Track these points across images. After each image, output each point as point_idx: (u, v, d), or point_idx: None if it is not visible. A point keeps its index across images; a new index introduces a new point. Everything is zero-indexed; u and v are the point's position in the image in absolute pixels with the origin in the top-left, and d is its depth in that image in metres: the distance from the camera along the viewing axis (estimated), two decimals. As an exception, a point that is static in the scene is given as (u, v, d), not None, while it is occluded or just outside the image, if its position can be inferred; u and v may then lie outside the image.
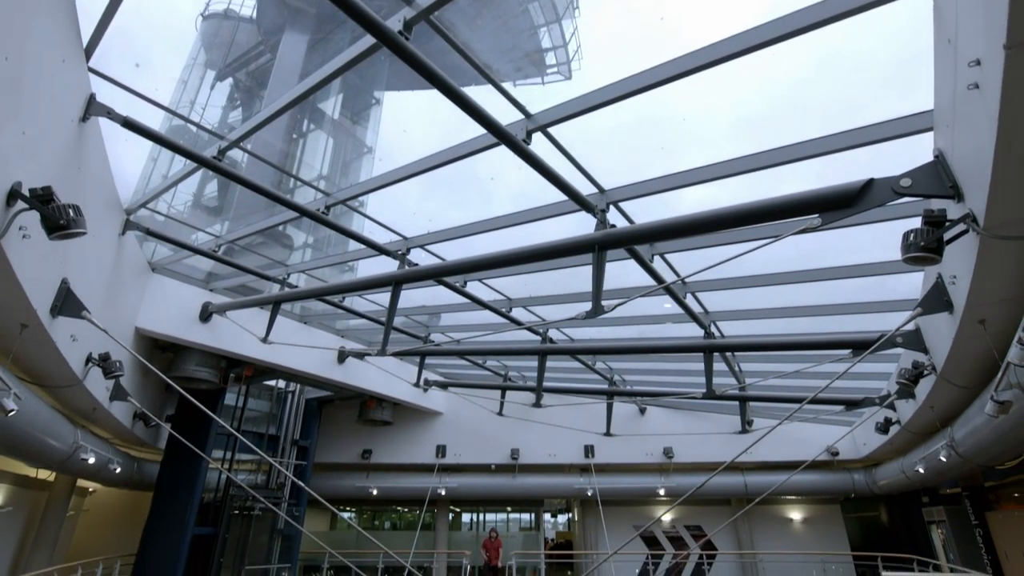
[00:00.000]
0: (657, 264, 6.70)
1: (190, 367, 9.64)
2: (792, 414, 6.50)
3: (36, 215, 3.90)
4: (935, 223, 3.37)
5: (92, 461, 8.24)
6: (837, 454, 13.19)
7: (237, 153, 9.20)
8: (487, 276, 8.32)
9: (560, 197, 5.72)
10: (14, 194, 3.73)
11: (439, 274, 7.28)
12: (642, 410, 14.74)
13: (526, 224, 6.51)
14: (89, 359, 6.60)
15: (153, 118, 5.78)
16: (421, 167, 5.73)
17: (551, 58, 15.75)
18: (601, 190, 5.70)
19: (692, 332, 8.52)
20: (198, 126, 9.20)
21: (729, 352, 9.40)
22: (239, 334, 9.29)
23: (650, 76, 4.29)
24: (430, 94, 5.39)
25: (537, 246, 5.60)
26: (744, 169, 5.00)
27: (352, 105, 17.05)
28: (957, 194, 3.51)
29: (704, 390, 8.24)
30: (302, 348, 10.36)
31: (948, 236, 3.49)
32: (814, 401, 9.80)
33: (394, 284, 7.01)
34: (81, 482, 12.55)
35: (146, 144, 8.75)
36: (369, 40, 4.09)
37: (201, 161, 5.55)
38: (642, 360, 12.09)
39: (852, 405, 9.83)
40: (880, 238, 6.21)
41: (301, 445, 13.48)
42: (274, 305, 8.99)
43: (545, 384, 10.14)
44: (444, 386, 14.45)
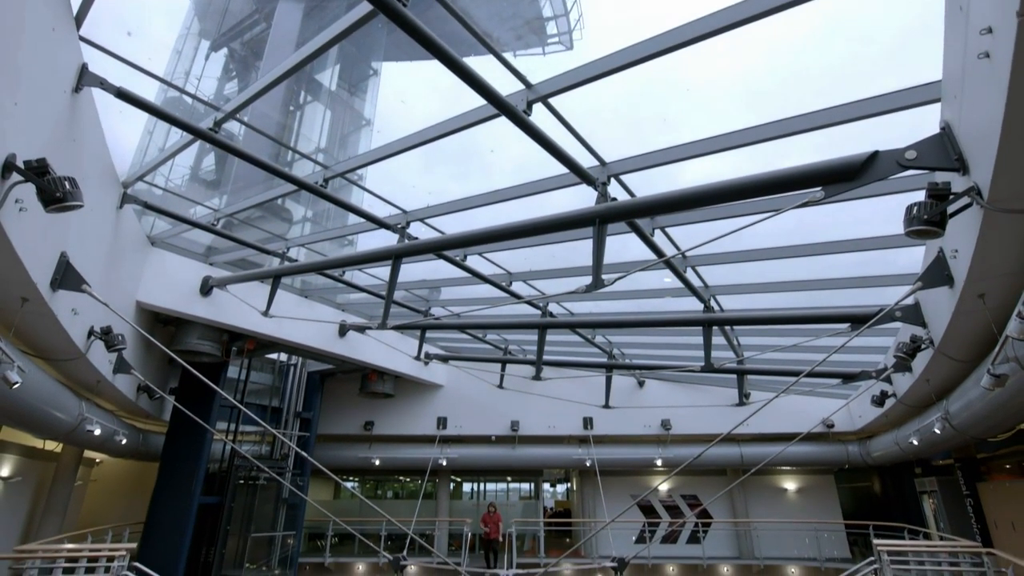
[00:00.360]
0: (658, 238, 6.67)
1: (192, 340, 9.70)
2: (789, 387, 6.58)
3: (32, 188, 3.87)
4: (939, 196, 3.34)
5: (98, 433, 8.35)
6: (832, 426, 13.37)
7: (234, 126, 9.09)
8: (487, 250, 8.30)
9: (561, 170, 5.66)
10: (8, 166, 3.69)
11: (439, 248, 7.26)
12: (641, 383, 14.89)
13: (526, 197, 6.46)
14: (91, 332, 6.63)
15: (147, 89, 5.67)
16: (420, 139, 5.66)
17: (552, 27, 15.39)
18: (602, 163, 5.64)
19: (691, 306, 8.54)
20: (194, 97, 9.04)
21: (728, 326, 9.45)
22: (240, 308, 9.31)
23: (653, 45, 4.20)
24: (429, 65, 5.29)
25: (538, 220, 5.57)
26: (747, 141, 4.94)
27: (349, 76, 16.74)
28: (962, 167, 3.47)
29: (702, 363, 8.31)
30: (303, 322, 10.40)
31: (952, 210, 3.46)
32: (811, 374, 9.87)
33: (394, 258, 7.00)
34: (88, 453, 12.75)
35: (142, 117, 8.59)
36: (366, 7, 3.99)
37: (197, 133, 5.48)
38: (641, 334, 12.15)
39: (849, 378, 9.92)
40: (881, 212, 6.17)
41: (304, 417, 13.66)
42: (274, 279, 9.00)
43: (545, 357, 10.21)
44: (445, 359, 14.57)
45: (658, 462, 14.68)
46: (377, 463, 15.16)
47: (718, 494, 14.86)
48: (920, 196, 3.52)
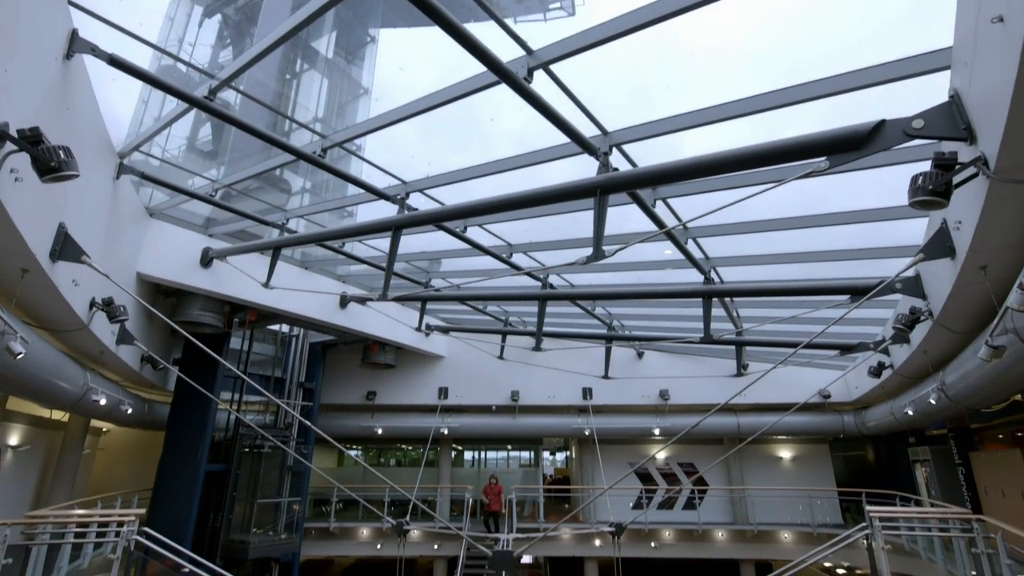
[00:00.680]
0: (660, 209, 6.62)
1: (194, 312, 9.74)
2: (787, 358, 6.63)
3: (27, 158, 3.82)
4: (945, 166, 3.30)
5: (103, 402, 8.46)
6: (829, 397, 13.53)
7: (230, 95, 8.93)
8: (487, 221, 8.25)
9: (562, 140, 5.58)
10: (1, 135, 3.64)
11: (439, 219, 7.22)
12: (640, 354, 15.00)
13: (527, 168, 6.39)
14: (93, 304, 6.66)
15: (140, 57, 5.55)
16: (419, 107, 5.57)
17: (554, -9, 14.96)
18: (604, 132, 5.55)
19: (692, 278, 8.53)
20: (188, 64, 8.86)
21: (728, 298, 9.47)
22: (241, 279, 9.32)
23: (657, 8, 4.08)
24: (428, 32, 5.16)
25: (538, 190, 5.52)
26: (752, 109, 4.86)
27: (346, 44, 16.34)
28: (970, 136, 3.42)
29: (702, 335, 8.35)
30: (304, 293, 10.43)
31: (957, 180, 3.42)
32: (810, 346, 9.98)
33: (394, 229, 6.96)
34: (95, 422, 12.95)
35: (136, 86, 8.48)
36: (362, -31, 3.86)
37: (192, 101, 5.39)
38: (641, 305, 12.19)
39: (847, 350, 9.99)
40: (883, 184, 6.12)
41: (307, 387, 13.82)
42: (274, 250, 8.98)
43: (545, 329, 10.27)
44: (445, 331, 14.66)
45: (656, 431, 14.91)
46: (380, 432, 15.40)
47: (714, 462, 15.13)
48: (923, 167, 3.48)
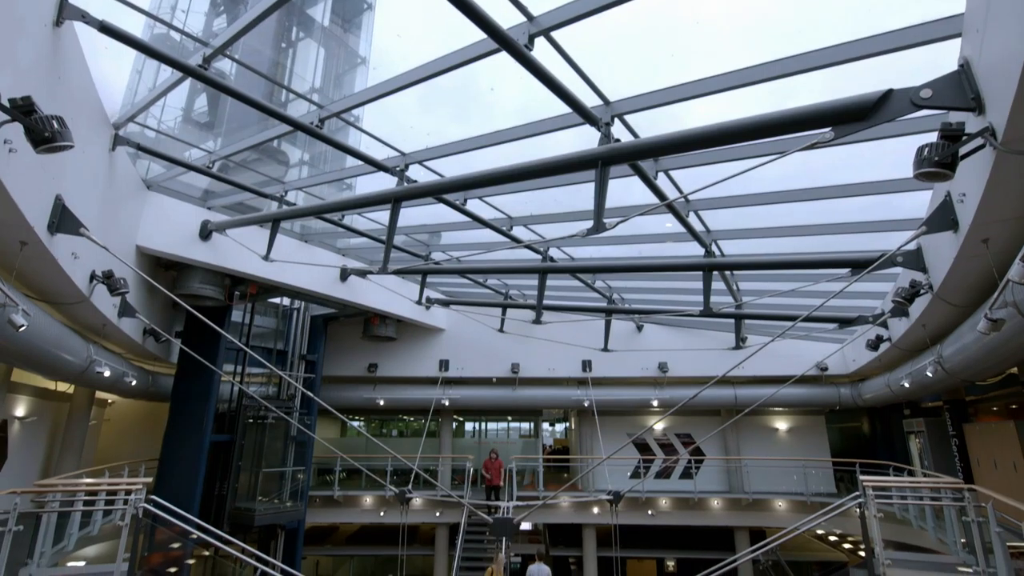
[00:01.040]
0: (661, 182, 6.56)
1: (194, 285, 9.75)
2: (785, 331, 6.66)
3: (20, 129, 3.77)
4: (952, 137, 3.25)
5: (107, 374, 8.54)
6: (826, 369, 13.64)
7: (225, 64, 8.75)
8: (487, 194, 8.19)
9: (563, 110, 5.50)
10: (-6, 105, 3.58)
11: (439, 191, 7.17)
12: (639, 327, 15.08)
13: (528, 139, 6.31)
14: (93, 276, 6.66)
15: (133, 24, 5.42)
16: (417, 76, 5.46)
17: (556, -46, 14.51)
18: (606, 102, 5.46)
19: (693, 251, 8.51)
20: (181, 32, 8.66)
21: (728, 271, 9.46)
22: (241, 252, 9.30)
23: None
24: (425, -5, 5.02)
25: (539, 161, 5.46)
26: (757, 79, 4.76)
27: (343, 11, 15.93)
28: (978, 106, 3.36)
29: (701, 308, 8.38)
30: (305, 266, 10.42)
31: (963, 152, 3.38)
32: (809, 319, 10.02)
33: (393, 201, 6.92)
34: (100, 394, 13.10)
35: (129, 56, 8.30)
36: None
37: (186, 70, 5.28)
38: (641, 279, 12.19)
39: (845, 323, 10.04)
40: (887, 156, 6.05)
41: (309, 359, 13.94)
42: (273, 223, 8.94)
43: (545, 302, 10.29)
44: (446, 304, 14.70)
45: (654, 403, 15.09)
46: (382, 403, 15.61)
47: (711, 433, 15.36)
48: (926, 139, 3.43)
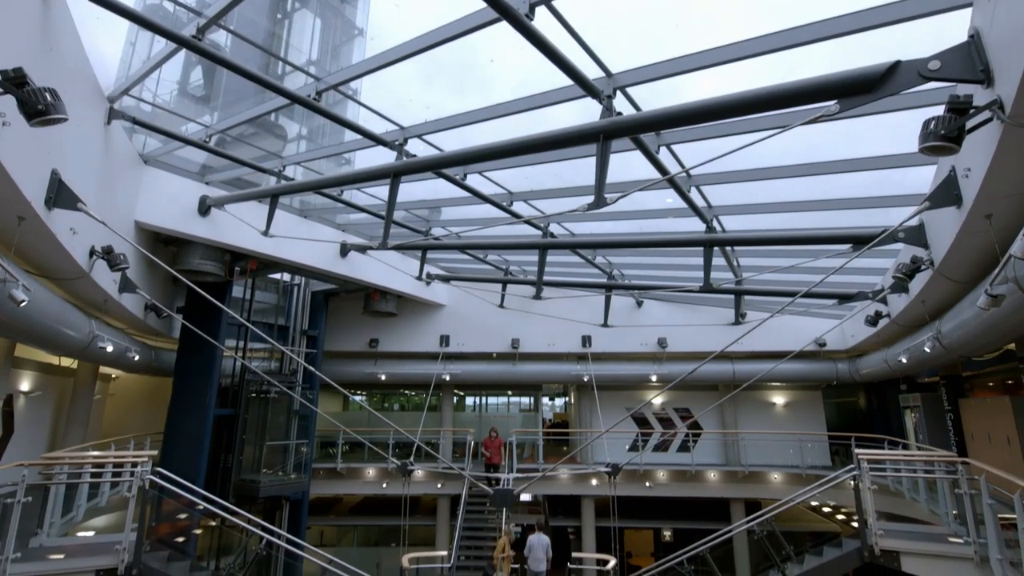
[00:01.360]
0: (663, 156, 6.49)
1: (194, 260, 9.73)
2: (785, 307, 6.67)
3: (13, 102, 3.72)
4: (959, 110, 3.20)
5: (110, 349, 8.60)
6: (824, 345, 13.71)
7: (220, 36, 8.57)
8: (487, 168, 8.11)
9: (564, 82, 5.40)
10: (-15, 77, 3.52)
11: (438, 165, 7.10)
12: (639, 303, 15.11)
13: (528, 112, 6.22)
14: (92, 252, 6.65)
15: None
16: (416, 47, 5.36)
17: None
18: (608, 74, 5.36)
19: (694, 227, 8.47)
20: (174, 1, 8.46)
21: (729, 246, 9.43)
22: (240, 228, 9.26)
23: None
24: (423, -38, 4.89)
25: (540, 135, 5.39)
26: (761, 50, 4.67)
27: (339, -23, 15.53)
28: (987, 78, 3.30)
29: (701, 283, 8.38)
30: (304, 242, 10.38)
31: (970, 125, 3.34)
32: (809, 295, 10.03)
33: (392, 176, 6.86)
34: (103, 369, 13.21)
35: (122, 27, 8.12)
36: None
37: (180, 41, 5.18)
38: (641, 254, 12.17)
39: (845, 299, 10.06)
40: (889, 132, 5.99)
41: (310, 335, 14.01)
42: (272, 198, 8.87)
43: (545, 278, 10.29)
44: (446, 279, 14.70)
45: (653, 378, 15.22)
46: (383, 378, 15.75)
47: (709, 407, 15.53)
48: (927, 113, 3.38)
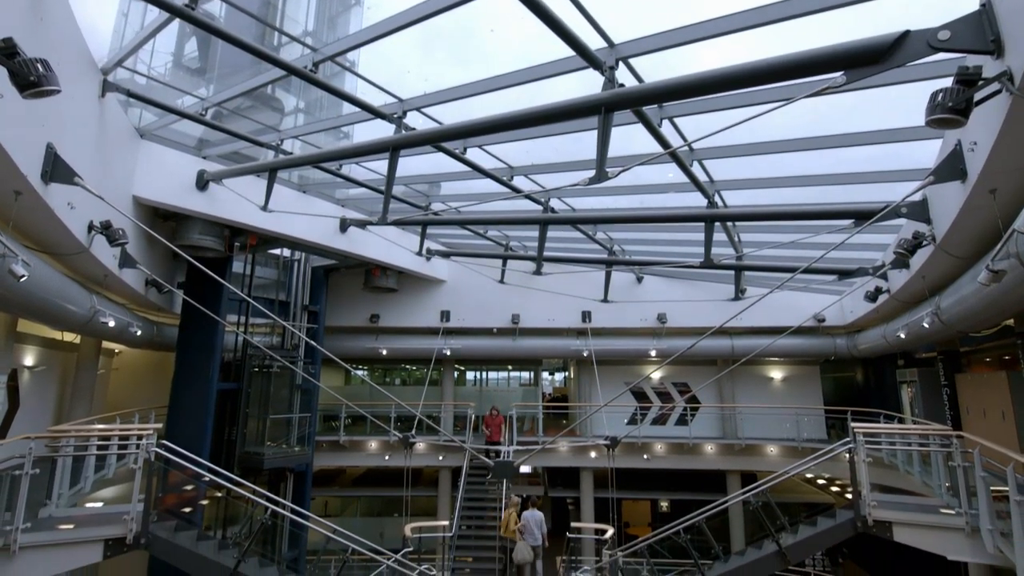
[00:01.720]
0: (666, 129, 6.41)
1: (194, 235, 9.70)
2: (784, 283, 6.68)
3: (4, 73, 3.65)
4: (968, 81, 3.15)
5: (112, 324, 8.64)
6: (823, 320, 13.76)
7: (215, 6, 8.38)
8: (487, 142, 8.02)
9: (566, 53, 5.31)
10: (-25, 47, 3.46)
11: (437, 139, 7.02)
12: (639, 278, 15.11)
13: (529, 84, 6.12)
14: (91, 227, 6.62)
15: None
16: (415, 16, 5.24)
17: None
18: (611, 44, 5.26)
19: (695, 202, 8.42)
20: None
21: (730, 222, 9.39)
22: (239, 202, 9.20)
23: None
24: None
25: (540, 107, 5.32)
26: (766, 20, 4.56)
27: (334, -56, 15.10)
28: (997, 49, 3.24)
29: (702, 259, 8.36)
30: (304, 217, 10.33)
31: (978, 97, 3.28)
32: (809, 270, 10.00)
33: (391, 149, 6.79)
34: (106, 343, 13.29)
35: (113, -4, 7.94)
36: None
37: (172, 10, 5.07)
38: (641, 230, 12.12)
39: (845, 275, 10.05)
40: (894, 105, 5.91)
41: (311, 310, 14.06)
42: (270, 172, 8.80)
43: (546, 253, 10.27)
44: (446, 255, 14.68)
45: (652, 353, 15.32)
46: (384, 353, 15.86)
47: (707, 381, 15.67)
48: (932, 86, 3.32)
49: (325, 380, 16.99)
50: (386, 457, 15.42)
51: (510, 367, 20.47)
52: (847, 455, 7.82)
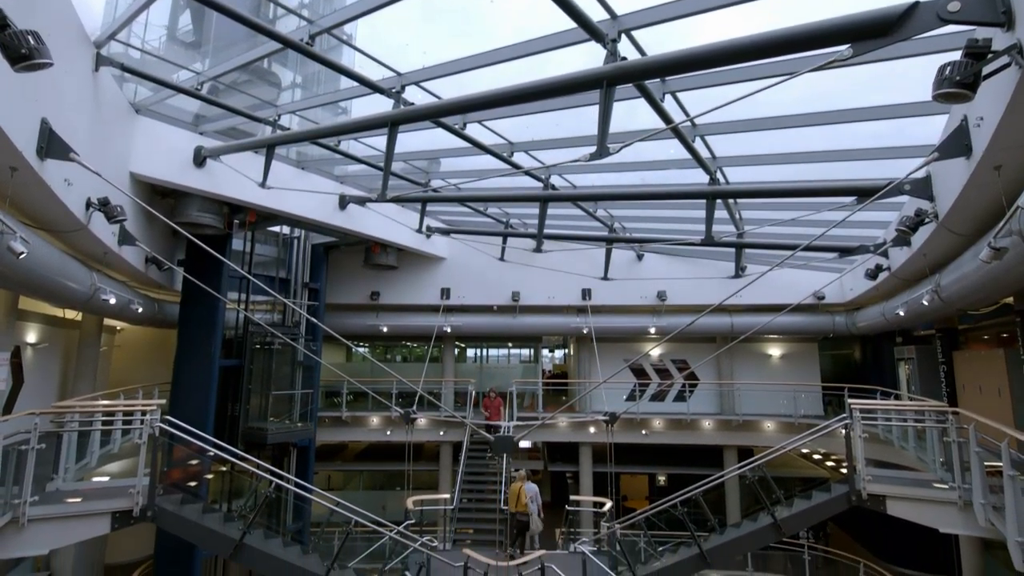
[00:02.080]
0: (668, 104, 6.32)
1: (192, 213, 9.65)
2: (785, 260, 6.65)
3: (-5, 45, 3.59)
4: (977, 54, 3.09)
5: (113, 302, 8.65)
6: (823, 298, 13.78)
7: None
8: (487, 117, 7.92)
9: (567, 25, 5.20)
10: (-36, 19, 3.39)
11: (436, 114, 6.93)
12: (639, 256, 15.09)
13: (530, 57, 6.01)
14: (89, 204, 6.58)
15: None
16: (412, -12, 5.11)
17: None
18: (613, 15, 5.14)
19: (697, 178, 8.35)
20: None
21: (732, 199, 9.32)
22: (237, 179, 9.13)
23: None
24: None
25: (541, 81, 5.24)
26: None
27: (329, -90, 14.67)
28: (1008, 21, 3.17)
29: (703, 236, 8.33)
30: (303, 194, 10.26)
31: (987, 71, 3.23)
32: (810, 248, 10.00)
33: (390, 124, 6.71)
34: (108, 321, 13.34)
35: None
36: None
37: (165, -20, 4.94)
38: (642, 207, 12.05)
39: (846, 252, 10.03)
40: (901, 81, 5.81)
41: (311, 287, 14.07)
42: (268, 148, 8.70)
43: (546, 231, 10.23)
44: (446, 232, 14.63)
45: (652, 330, 15.39)
46: (385, 330, 15.94)
47: (706, 358, 15.76)
48: (938, 61, 3.26)
49: (327, 357, 17.11)
50: (388, 432, 15.61)
51: (510, 344, 20.59)
52: (843, 431, 7.91)
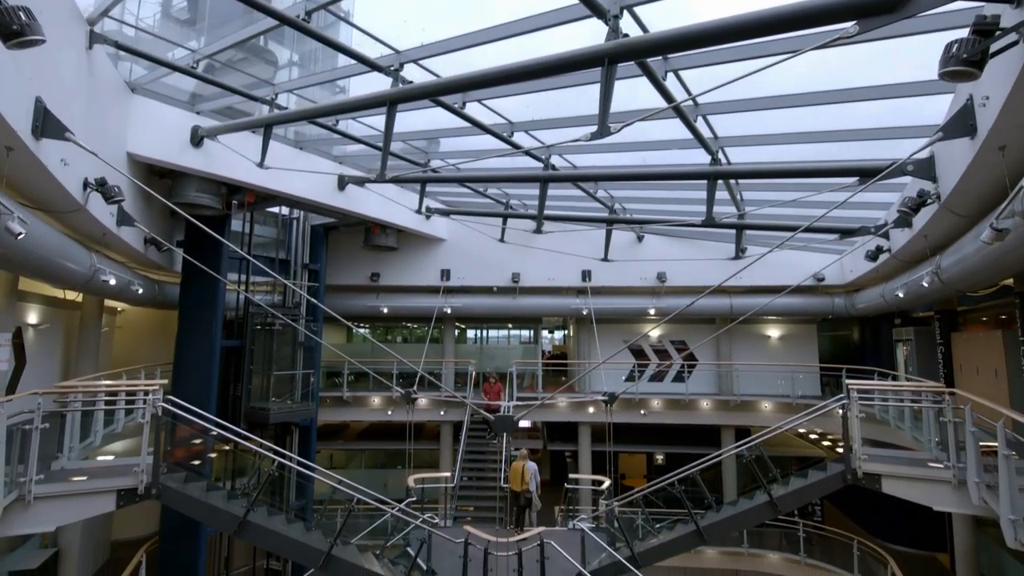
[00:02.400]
0: (670, 83, 6.24)
1: (190, 193, 9.59)
2: (785, 241, 6.65)
3: (-14, 21, 3.53)
4: (985, 32, 3.04)
5: (113, 283, 8.65)
6: (823, 279, 13.78)
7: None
8: (487, 96, 7.83)
9: (569, 1, 5.11)
10: (-46, -6, 3.32)
11: (435, 92, 6.85)
12: (640, 237, 15.04)
13: (531, 35, 5.92)
14: (86, 184, 6.54)
15: None
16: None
17: None
18: (615, -9, 5.05)
19: (697, 159, 8.28)
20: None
21: (733, 179, 9.26)
22: (235, 159, 9.05)
23: None
24: None
25: (542, 59, 5.17)
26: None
27: None
28: (1017, -3, 3.11)
29: (703, 217, 8.30)
30: (302, 174, 10.19)
31: (994, 48, 3.18)
32: (811, 229, 9.94)
33: (388, 104, 6.64)
34: (109, 302, 13.35)
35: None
36: None
37: (157, -46, 4.84)
38: (643, 188, 11.97)
39: (847, 233, 9.99)
40: (905, 60, 5.74)
41: (311, 268, 14.06)
42: (265, 128, 8.62)
43: (546, 211, 10.18)
44: (446, 213, 14.57)
45: (651, 311, 15.43)
46: (385, 311, 15.97)
47: (705, 339, 15.82)
48: (941, 40, 3.21)
49: (328, 338, 17.18)
50: (389, 412, 15.75)
51: (510, 325, 20.65)
52: (840, 411, 7.97)
